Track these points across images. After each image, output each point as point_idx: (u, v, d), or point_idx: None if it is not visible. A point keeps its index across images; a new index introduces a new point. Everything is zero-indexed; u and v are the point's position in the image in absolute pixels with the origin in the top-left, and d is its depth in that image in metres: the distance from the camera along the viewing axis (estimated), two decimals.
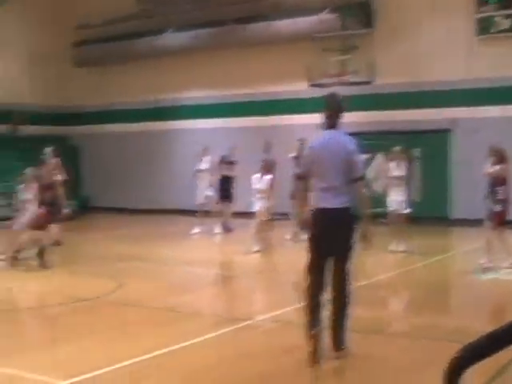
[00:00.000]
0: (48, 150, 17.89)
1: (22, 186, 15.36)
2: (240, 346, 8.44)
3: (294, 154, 19.74)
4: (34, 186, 15.12)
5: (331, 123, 7.75)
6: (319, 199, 7.57)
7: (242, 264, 15.59)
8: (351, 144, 7.63)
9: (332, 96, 8.11)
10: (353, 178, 7.51)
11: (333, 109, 7.83)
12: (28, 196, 15.14)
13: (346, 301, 7.69)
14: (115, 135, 28.40)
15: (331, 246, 7.51)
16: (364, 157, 18.28)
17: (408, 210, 15.80)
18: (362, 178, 7.72)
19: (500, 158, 13.62)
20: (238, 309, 11.09)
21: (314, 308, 7.61)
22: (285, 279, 13.70)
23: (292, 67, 23.28)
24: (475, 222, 20.08)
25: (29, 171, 15.49)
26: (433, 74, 21.63)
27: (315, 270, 7.62)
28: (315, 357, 7.42)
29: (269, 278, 13.93)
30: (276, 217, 17.72)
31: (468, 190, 20.93)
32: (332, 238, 7.49)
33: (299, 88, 22.95)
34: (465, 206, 20.94)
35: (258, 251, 16.16)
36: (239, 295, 12.46)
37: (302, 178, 7.94)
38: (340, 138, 7.66)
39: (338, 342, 7.65)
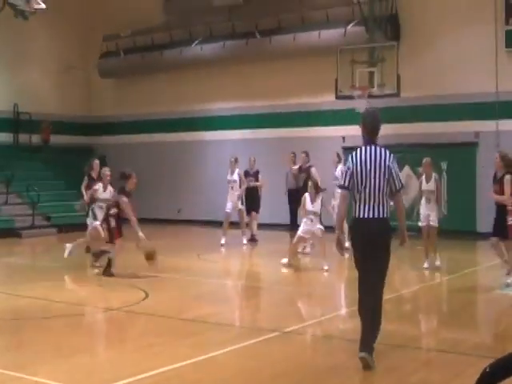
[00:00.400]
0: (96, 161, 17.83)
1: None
2: (264, 357, 8.46)
3: (297, 166, 19.96)
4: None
5: (371, 139, 8.25)
6: (360, 210, 8.00)
7: (269, 276, 15.64)
8: (390, 158, 8.09)
9: (372, 113, 8.67)
10: (393, 191, 8.03)
11: (372, 125, 8.34)
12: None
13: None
14: (142, 145, 28.58)
15: (371, 254, 7.96)
16: None
17: (437, 224, 15.69)
18: (399, 191, 8.12)
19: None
20: (264, 320, 11.12)
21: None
22: (311, 291, 13.73)
23: (319, 79, 23.35)
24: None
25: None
26: (459, 87, 21.60)
27: (360, 277, 8.16)
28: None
29: (295, 291, 13.94)
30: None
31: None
32: (372, 247, 7.94)
33: (326, 100, 23.00)
34: (490, 219, 20.83)
35: (291, 265, 15.96)
36: (265, 307, 12.50)
37: (343, 189, 8.23)
38: (380, 153, 8.10)
39: (365, 346, 7.93)
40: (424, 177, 15.74)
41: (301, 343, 9.33)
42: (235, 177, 20.05)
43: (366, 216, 7.97)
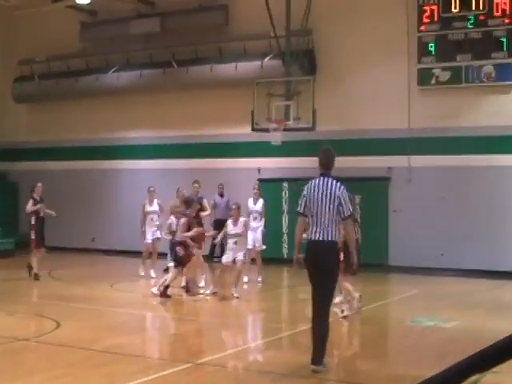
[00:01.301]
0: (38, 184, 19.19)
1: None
2: None
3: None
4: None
5: (324, 172, 9.38)
6: (312, 233, 9.07)
7: (183, 306, 15.55)
8: (340, 189, 9.14)
9: (325, 150, 9.70)
10: (341, 217, 9.07)
11: (325, 161, 9.49)
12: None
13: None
14: (56, 172, 28.15)
15: (319, 273, 8.99)
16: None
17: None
18: (348, 217, 9.17)
19: None
20: (176, 351, 11.03)
21: None
22: (225, 322, 13.70)
23: (235, 111, 23.48)
24: (412, 269, 20.52)
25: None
26: (373, 122, 22.01)
27: (313, 296, 9.12)
28: None
29: (210, 322, 13.89)
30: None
31: (405, 238, 21.28)
32: (320, 265, 8.98)
33: (243, 132, 23.12)
34: (401, 253, 21.28)
35: (214, 293, 16.16)
36: (178, 338, 12.40)
37: (300, 216, 9.33)
38: (330, 184, 9.16)
39: (316, 358, 8.94)
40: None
41: (213, 375, 9.27)
42: (155, 207, 19.90)
43: (315, 238, 9.02)
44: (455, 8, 21.03)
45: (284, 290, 19.25)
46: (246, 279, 18.21)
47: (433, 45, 21.36)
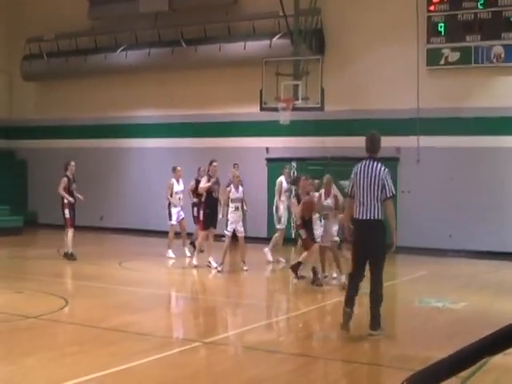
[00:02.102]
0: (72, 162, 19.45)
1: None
2: (184, 368, 8.44)
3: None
4: None
5: (370, 155, 10.19)
6: (358, 212, 9.86)
7: (192, 285, 15.62)
8: (384, 171, 9.94)
9: (371, 135, 10.45)
10: (385, 198, 9.84)
11: (371, 145, 10.29)
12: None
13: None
14: (64, 151, 28.16)
15: (367, 250, 9.86)
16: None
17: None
18: (390, 198, 9.91)
19: None
20: (185, 330, 11.09)
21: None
22: (234, 301, 13.76)
23: (244, 90, 23.44)
24: (421, 250, 20.52)
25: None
26: (382, 103, 21.97)
27: (356, 266, 10.01)
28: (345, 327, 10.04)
29: (219, 301, 13.95)
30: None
31: (414, 219, 21.28)
32: (367, 243, 9.83)
33: (251, 111, 23.08)
34: (409, 234, 21.27)
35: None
36: (187, 317, 12.46)
37: (348, 197, 10.25)
38: (375, 167, 9.96)
39: (372, 324, 10.07)
40: (323, 193, 15.50)
41: (222, 354, 9.32)
42: (181, 187, 19.63)
43: (362, 217, 9.83)
44: None
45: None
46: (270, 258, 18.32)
47: (442, 25, 21.27)
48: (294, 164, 23.24)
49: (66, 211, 18.53)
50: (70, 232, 18.30)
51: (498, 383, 7.88)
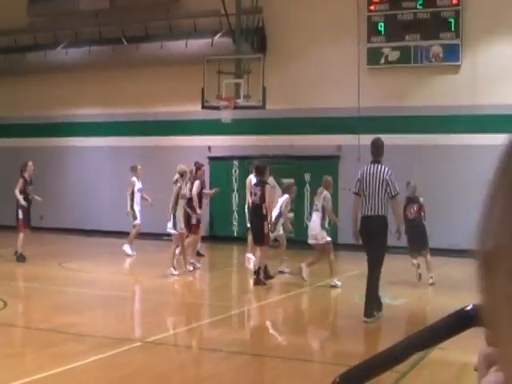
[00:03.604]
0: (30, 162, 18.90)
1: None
2: (125, 368, 8.40)
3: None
4: None
5: (374, 159, 11.25)
6: (364, 210, 10.94)
7: (134, 284, 15.53)
8: (388, 173, 10.99)
9: (375, 141, 11.56)
10: (390, 196, 10.92)
11: (375, 149, 11.34)
12: None
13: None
14: (4, 150, 27.80)
15: (371, 242, 10.86)
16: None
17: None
18: (395, 196, 11.04)
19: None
20: (126, 330, 11.02)
21: None
22: (175, 300, 13.72)
23: (186, 88, 23.36)
24: (361, 247, 20.66)
25: None
26: (323, 101, 22.09)
27: (369, 263, 11.11)
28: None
29: (161, 300, 13.89)
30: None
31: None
32: (372, 236, 10.78)
33: (193, 109, 23.02)
34: (349, 231, 21.41)
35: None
36: (128, 316, 12.40)
37: (355, 195, 11.24)
38: (379, 169, 11.01)
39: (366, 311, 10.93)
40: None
41: (163, 353, 9.30)
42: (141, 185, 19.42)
43: (367, 214, 10.90)
44: None
45: (233, 269, 19.30)
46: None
47: (382, 24, 21.51)
48: (235, 162, 23.28)
49: (20, 212, 18.22)
50: (22, 234, 18.07)
51: (434, 377, 8.01)
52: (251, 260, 16.05)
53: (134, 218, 19.30)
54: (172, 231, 16.21)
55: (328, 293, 14.90)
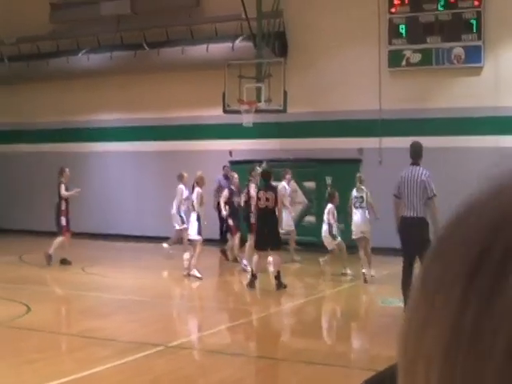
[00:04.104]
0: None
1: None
2: (148, 373, 8.42)
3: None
4: None
5: (413, 161, 11.75)
6: (405, 211, 11.39)
7: (156, 289, 15.55)
8: (426, 175, 11.54)
9: (414, 144, 12.01)
10: (427, 198, 11.42)
11: (414, 153, 11.82)
12: None
13: None
14: (26, 155, 27.98)
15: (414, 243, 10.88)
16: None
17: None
18: (433, 197, 11.47)
19: None
20: (148, 335, 11.04)
21: None
22: (195, 305, 13.74)
23: (207, 93, 23.39)
24: (386, 250, 20.63)
25: None
26: (344, 104, 22.04)
27: (407, 260, 11.32)
28: None
29: (182, 304, 13.92)
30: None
31: (374, 219, 21.37)
32: (414, 238, 10.96)
33: (214, 113, 23.05)
34: (375, 234, 21.37)
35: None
36: (151, 321, 12.41)
37: (395, 197, 11.71)
38: (418, 171, 11.56)
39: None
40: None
41: (185, 357, 9.31)
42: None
43: (408, 215, 11.35)
44: None
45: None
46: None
47: (403, 27, 21.43)
48: (257, 167, 23.27)
49: (63, 218, 18.59)
50: (61, 238, 18.37)
51: None
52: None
53: (183, 222, 18.81)
54: (196, 237, 16.29)
55: (351, 296, 14.88)
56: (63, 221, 18.43)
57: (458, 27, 20.65)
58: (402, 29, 21.41)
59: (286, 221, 18.20)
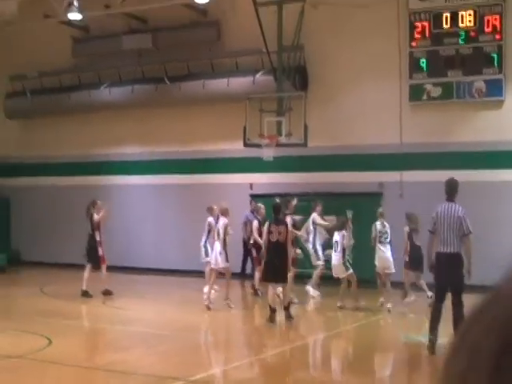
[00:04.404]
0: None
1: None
2: None
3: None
4: None
5: (448, 198, 11.97)
6: (440, 246, 11.58)
7: (176, 323, 15.50)
8: (461, 211, 11.71)
9: (449, 181, 12.29)
10: (463, 234, 11.55)
11: (450, 190, 12.05)
12: None
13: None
14: (47, 188, 28.13)
15: (450, 279, 11.46)
16: (298, 218, 18.73)
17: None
18: (468, 234, 11.58)
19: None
20: (169, 368, 10.99)
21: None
22: (216, 338, 13.68)
23: (228, 126, 23.47)
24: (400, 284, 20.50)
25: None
26: (365, 138, 22.04)
27: (440, 295, 11.71)
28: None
29: (202, 338, 13.87)
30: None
31: (397, 253, 21.26)
32: (450, 273, 11.39)
33: (235, 147, 23.10)
34: (395, 268, 21.26)
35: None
36: (171, 354, 12.36)
37: (431, 233, 11.90)
38: (454, 208, 11.74)
39: None
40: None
41: None
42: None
43: (444, 251, 11.53)
44: (446, 24, 21.14)
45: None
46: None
47: (424, 61, 21.45)
48: (277, 200, 23.26)
49: (99, 249, 19.01)
50: (104, 268, 18.93)
51: None
52: (311, 292, 17.68)
53: (206, 254, 18.79)
54: (225, 264, 16.58)
55: (372, 329, 14.76)
56: (100, 251, 18.62)
57: (479, 61, 20.65)
58: (423, 63, 21.43)
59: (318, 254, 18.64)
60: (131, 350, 12.24)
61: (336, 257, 16.93)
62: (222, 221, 16.85)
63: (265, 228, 15.57)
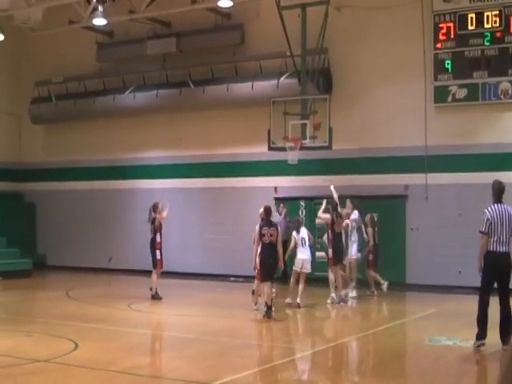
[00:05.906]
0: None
1: None
2: None
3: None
4: None
5: (497, 199, 12.23)
6: (493, 246, 11.91)
7: (202, 326, 15.50)
8: None
9: (496, 183, 12.51)
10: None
11: (498, 191, 12.33)
12: None
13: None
14: (72, 193, 28.29)
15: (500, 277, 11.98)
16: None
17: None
18: None
19: None
20: (195, 372, 10.98)
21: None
22: (243, 342, 13.64)
23: (252, 130, 23.49)
24: (430, 287, 20.39)
25: None
26: (390, 141, 21.98)
27: (487, 293, 11.99)
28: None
29: (229, 342, 13.83)
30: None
31: (423, 256, 21.18)
32: (501, 271, 11.95)
33: (259, 150, 23.09)
34: (419, 271, 21.19)
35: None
36: (197, 358, 12.35)
37: (483, 234, 12.07)
38: (505, 208, 12.08)
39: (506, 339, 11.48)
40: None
41: None
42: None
43: (497, 250, 11.90)
44: (471, 25, 21.03)
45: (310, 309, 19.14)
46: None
47: (449, 62, 21.35)
48: (302, 203, 23.23)
49: (158, 253, 19.07)
50: (157, 273, 19.01)
51: None
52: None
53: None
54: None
55: (397, 333, 14.68)
56: (158, 255, 18.70)
57: (505, 62, 20.53)
58: (448, 64, 21.34)
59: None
60: (157, 354, 12.26)
61: (307, 252, 17.46)
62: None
63: (256, 230, 16.10)
